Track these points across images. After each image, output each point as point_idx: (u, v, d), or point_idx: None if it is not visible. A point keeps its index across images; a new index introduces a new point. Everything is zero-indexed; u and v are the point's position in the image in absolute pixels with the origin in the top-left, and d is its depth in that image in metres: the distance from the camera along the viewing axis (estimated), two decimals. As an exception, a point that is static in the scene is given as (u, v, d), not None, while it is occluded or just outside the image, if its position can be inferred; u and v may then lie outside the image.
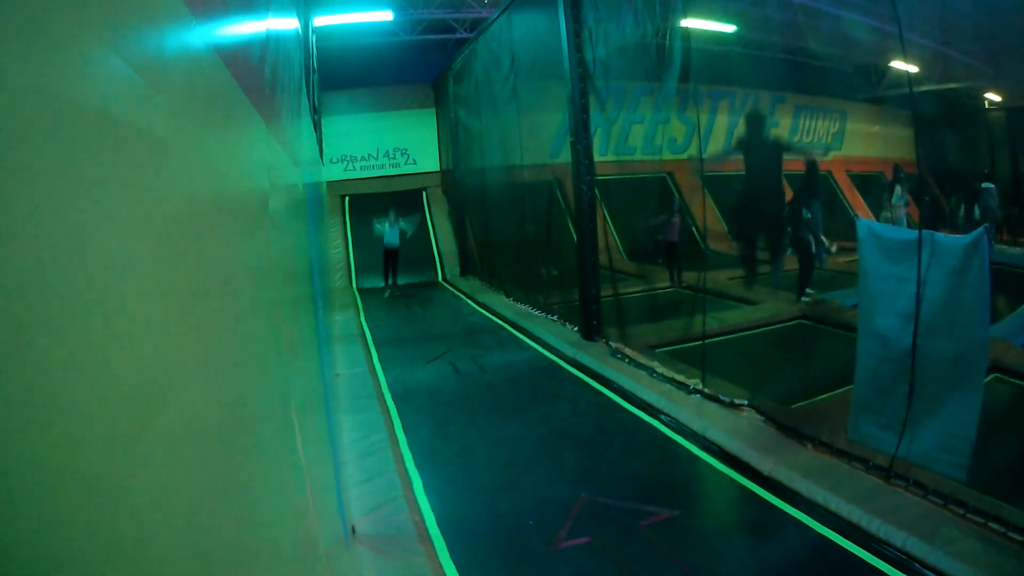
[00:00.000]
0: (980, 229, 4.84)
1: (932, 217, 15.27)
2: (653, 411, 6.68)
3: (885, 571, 4.28)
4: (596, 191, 9.15)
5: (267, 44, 1.99)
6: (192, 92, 0.97)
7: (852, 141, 20.83)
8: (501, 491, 5.24)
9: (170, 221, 0.86)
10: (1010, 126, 18.91)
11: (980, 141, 18.90)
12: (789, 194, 12.32)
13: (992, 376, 7.22)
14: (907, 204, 14.36)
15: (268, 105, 1.93)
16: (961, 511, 4.72)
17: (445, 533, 4.61)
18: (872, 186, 15.80)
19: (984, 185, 14.87)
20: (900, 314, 5.27)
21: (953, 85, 17.55)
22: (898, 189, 14.51)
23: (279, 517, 1.50)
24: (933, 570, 4.24)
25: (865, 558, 4.43)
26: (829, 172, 20.16)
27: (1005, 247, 14.37)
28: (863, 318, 5.62)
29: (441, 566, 4.22)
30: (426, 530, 4.63)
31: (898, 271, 5.27)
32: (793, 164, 19.68)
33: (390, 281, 13.79)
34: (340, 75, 16.03)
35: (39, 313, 0.52)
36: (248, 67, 1.51)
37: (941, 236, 5.29)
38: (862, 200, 15.79)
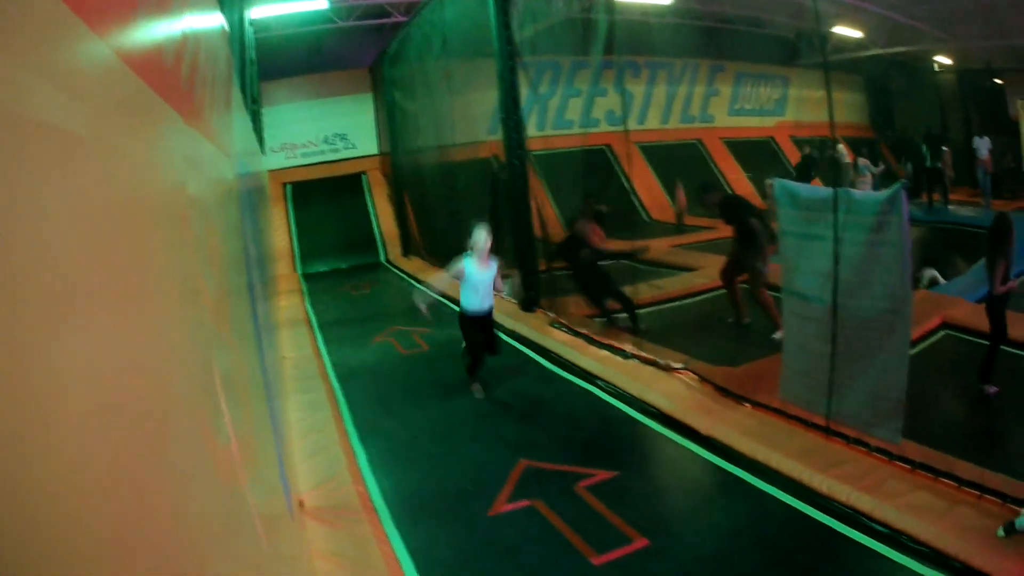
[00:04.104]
0: (896, 185, 4.86)
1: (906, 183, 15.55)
2: (591, 377, 6.89)
3: (831, 525, 4.39)
4: (533, 166, 9.27)
5: (184, 44, 2.08)
6: (99, 97, 1.08)
7: (796, 107, 21.14)
8: (442, 460, 5.44)
9: (84, 217, 0.94)
10: (961, 88, 19.28)
11: (931, 104, 19.22)
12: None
13: (942, 332, 7.51)
14: (874, 175, 14.56)
15: (186, 102, 2.03)
16: (908, 466, 4.78)
17: (389, 503, 4.79)
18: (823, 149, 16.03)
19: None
20: (819, 272, 5.30)
21: (901, 49, 17.90)
22: (861, 161, 14.75)
23: (206, 498, 1.55)
24: (881, 523, 4.31)
25: (810, 513, 4.52)
26: (771, 137, 20.49)
27: (957, 207, 14.80)
28: (785, 277, 5.70)
29: (385, 534, 4.39)
30: (370, 500, 4.80)
31: (815, 229, 5.32)
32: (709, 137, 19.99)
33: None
34: (279, 65, 15.89)
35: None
36: (159, 68, 1.60)
37: (858, 193, 5.40)
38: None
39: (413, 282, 12.63)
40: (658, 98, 18.70)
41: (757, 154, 18.54)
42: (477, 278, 6.40)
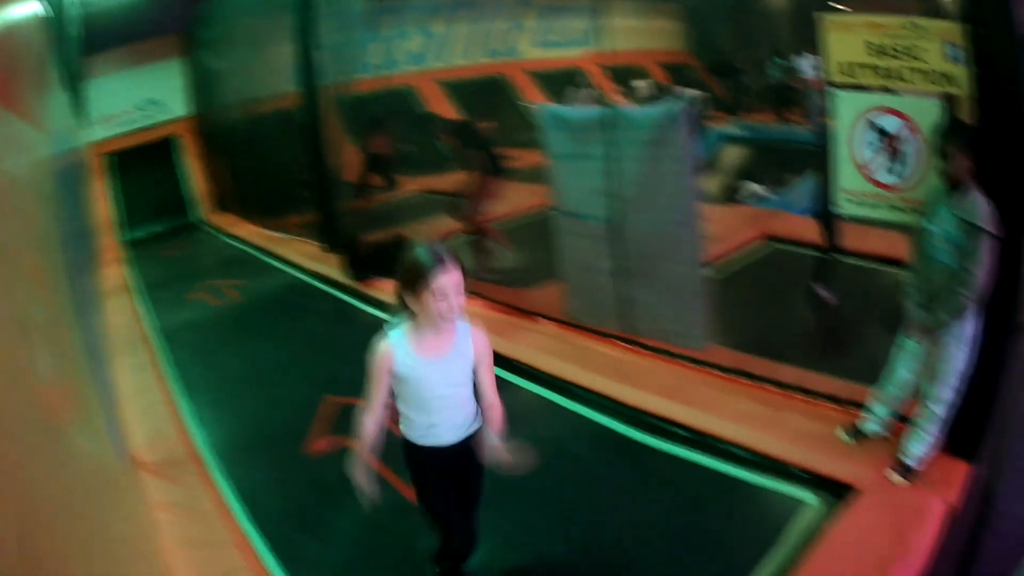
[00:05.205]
0: (675, 103, 5.06)
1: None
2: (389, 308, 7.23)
3: (639, 439, 4.61)
4: (334, 111, 9.49)
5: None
6: None
7: (606, 36, 20.94)
8: (260, 406, 5.76)
9: None
10: (786, 9, 19.88)
11: (754, 27, 19.74)
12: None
13: (769, 245, 7.90)
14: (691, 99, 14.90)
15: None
16: (723, 373, 4.97)
17: (214, 451, 5.10)
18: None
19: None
20: (593, 191, 5.46)
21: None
22: (676, 89, 15.00)
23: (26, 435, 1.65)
24: (704, 433, 4.49)
25: (621, 430, 4.72)
26: (578, 67, 20.93)
27: (775, 124, 15.20)
28: (559, 200, 5.85)
29: (213, 481, 4.70)
30: (197, 451, 5.11)
31: (586, 149, 5.43)
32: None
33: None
34: (103, 38, 15.15)
35: None
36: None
37: (632, 111, 5.58)
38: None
39: (227, 238, 12.70)
40: (458, 37, 18.74)
41: (563, 84, 19.03)
42: (428, 378, 2.92)
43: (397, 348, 2.90)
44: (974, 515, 3.76)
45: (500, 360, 5.33)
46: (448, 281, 2.74)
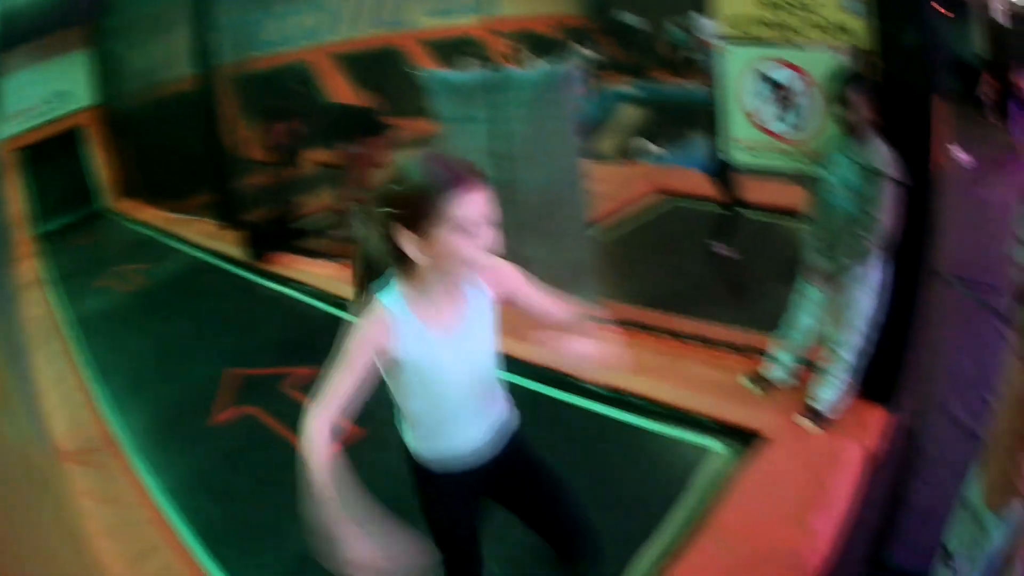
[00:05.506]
0: (557, 65, 5.19)
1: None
2: (292, 283, 7.40)
3: (543, 393, 4.63)
4: (229, 89, 9.46)
5: None
6: None
7: (497, 3, 20.98)
8: (167, 384, 5.82)
9: None
10: None
11: None
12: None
13: (667, 201, 8.08)
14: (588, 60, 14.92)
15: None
16: (615, 325, 5.03)
17: (128, 434, 5.16)
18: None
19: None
20: (480, 151, 5.41)
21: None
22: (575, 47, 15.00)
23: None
24: (603, 384, 4.47)
25: (524, 385, 4.62)
26: (473, 36, 20.74)
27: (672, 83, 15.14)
28: None
29: (129, 463, 4.77)
30: (112, 436, 5.16)
31: (472, 111, 5.47)
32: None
33: None
34: (13, 35, 14.55)
35: None
36: None
37: (517, 72, 5.63)
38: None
39: (133, 225, 12.56)
40: (354, 7, 18.43)
41: (457, 52, 18.87)
42: (446, 362, 1.99)
43: (401, 321, 1.87)
44: (899, 461, 3.77)
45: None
46: (475, 204, 1.78)
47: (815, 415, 3.85)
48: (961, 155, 8.16)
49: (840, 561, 3.09)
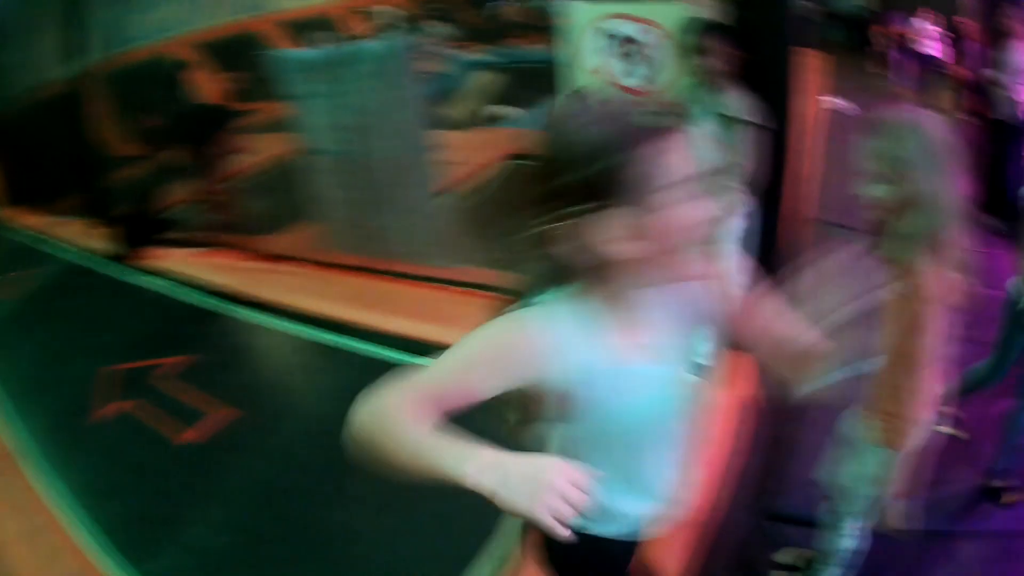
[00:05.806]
0: (396, 38, 5.40)
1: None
2: (160, 275, 7.32)
3: (398, 360, 4.37)
4: (98, 88, 9.73)
5: None
6: None
7: None
8: (49, 387, 5.77)
9: None
10: None
11: None
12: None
13: (514, 161, 7.75)
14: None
15: None
16: (469, 289, 4.93)
17: (27, 439, 5.12)
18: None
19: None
20: (328, 126, 5.63)
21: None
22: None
23: None
24: None
25: (380, 355, 4.72)
26: (331, 15, 20.45)
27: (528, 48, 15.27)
28: (301, 140, 6.02)
29: (30, 469, 4.76)
30: (12, 443, 5.11)
31: (318, 87, 5.56)
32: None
33: None
34: None
35: None
36: None
37: (357, 47, 5.74)
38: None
39: (12, 232, 11.95)
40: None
41: (312, 31, 18.64)
42: (643, 397, 1.32)
43: (575, 339, 1.24)
44: (780, 407, 3.57)
45: (262, 305, 5.69)
46: (680, 153, 1.13)
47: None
48: (840, 102, 8.36)
49: (725, 510, 3.00)
